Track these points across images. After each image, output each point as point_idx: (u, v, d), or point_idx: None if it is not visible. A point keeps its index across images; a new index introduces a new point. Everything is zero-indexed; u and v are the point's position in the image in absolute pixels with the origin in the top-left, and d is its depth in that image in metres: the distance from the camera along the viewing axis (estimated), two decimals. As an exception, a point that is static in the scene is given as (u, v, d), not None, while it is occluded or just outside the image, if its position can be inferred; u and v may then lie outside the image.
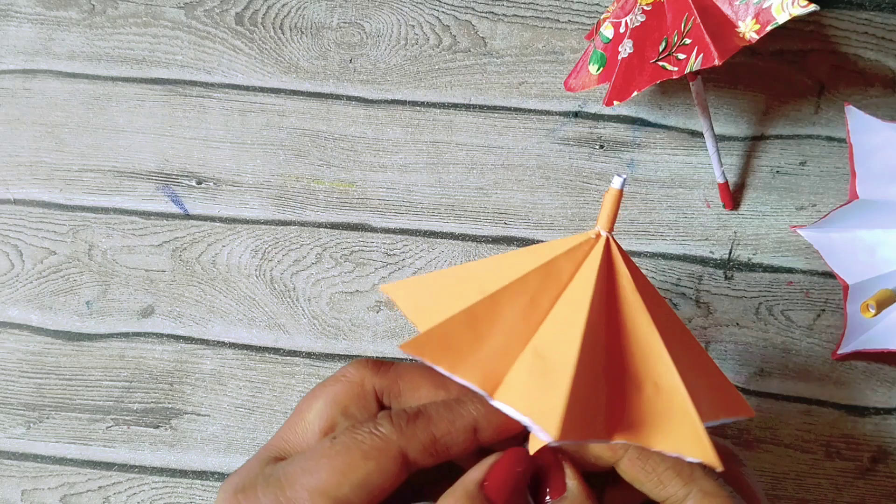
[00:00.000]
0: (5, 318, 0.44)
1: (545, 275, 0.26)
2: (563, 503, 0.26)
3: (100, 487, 0.42)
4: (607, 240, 0.26)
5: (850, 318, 0.41)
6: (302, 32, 0.46)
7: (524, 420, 0.23)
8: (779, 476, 0.41)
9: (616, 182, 0.26)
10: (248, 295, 0.43)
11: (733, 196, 0.43)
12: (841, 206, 0.40)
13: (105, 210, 0.45)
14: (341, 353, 0.43)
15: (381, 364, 0.29)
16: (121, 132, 0.45)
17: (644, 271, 0.42)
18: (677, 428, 0.24)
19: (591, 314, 0.24)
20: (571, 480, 0.27)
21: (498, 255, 0.28)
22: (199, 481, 0.42)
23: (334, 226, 0.44)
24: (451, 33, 0.45)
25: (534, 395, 0.23)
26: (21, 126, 0.46)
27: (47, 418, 0.43)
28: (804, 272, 0.43)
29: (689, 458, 0.23)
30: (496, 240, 0.44)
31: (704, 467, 0.27)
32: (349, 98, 0.45)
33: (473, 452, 0.28)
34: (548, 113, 0.44)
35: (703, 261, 0.43)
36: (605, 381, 0.25)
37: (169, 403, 0.43)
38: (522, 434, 0.28)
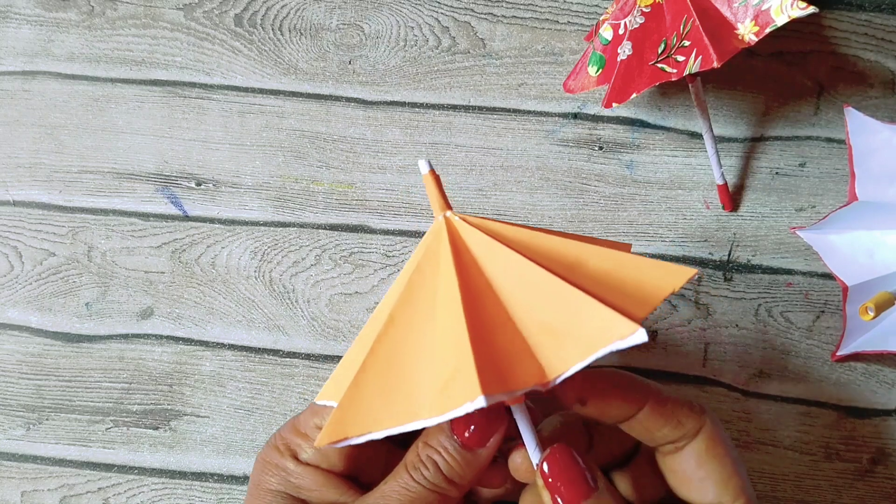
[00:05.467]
0: (4, 319, 0.44)
1: (418, 283, 0.27)
2: (601, 500, 0.28)
3: (99, 489, 0.42)
4: (443, 222, 0.27)
5: (849, 320, 0.41)
6: (301, 34, 0.46)
7: (461, 410, 0.23)
8: (778, 477, 0.41)
9: (422, 167, 0.28)
10: (247, 296, 0.43)
11: (732, 197, 0.43)
12: (840, 207, 0.40)
13: (104, 211, 0.45)
14: (340, 354, 0.43)
15: None
16: (120, 134, 0.45)
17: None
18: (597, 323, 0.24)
19: (464, 294, 0.26)
20: (598, 474, 0.29)
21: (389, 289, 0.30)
22: (198, 483, 0.42)
23: (333, 227, 0.44)
24: (450, 35, 0.45)
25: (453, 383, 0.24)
26: (20, 127, 0.46)
27: (47, 420, 0.43)
28: (803, 274, 0.42)
29: (624, 341, 0.24)
30: (495, 241, 0.44)
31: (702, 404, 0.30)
32: (348, 99, 0.45)
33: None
34: (547, 114, 0.44)
35: (702, 262, 0.43)
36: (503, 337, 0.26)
37: (168, 405, 0.43)
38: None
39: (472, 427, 0.28)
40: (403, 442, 0.33)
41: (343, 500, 0.32)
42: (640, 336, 0.23)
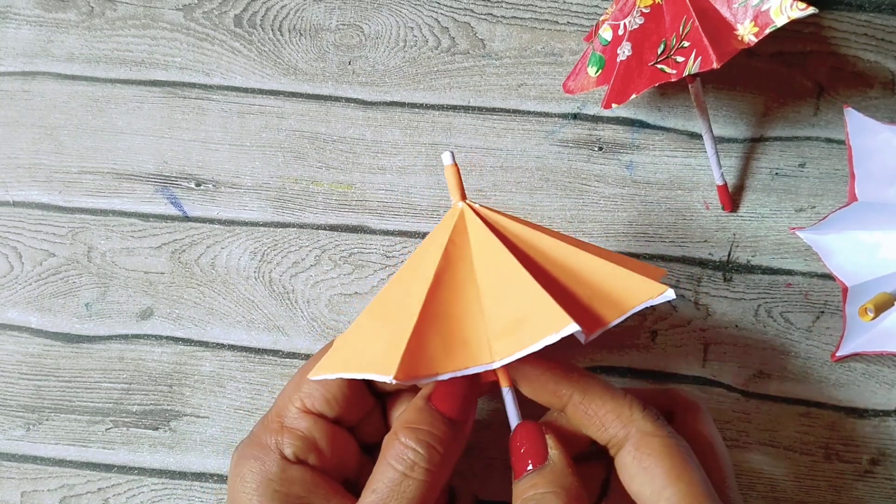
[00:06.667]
0: (4, 319, 0.44)
1: (454, 253, 0.31)
2: (544, 470, 0.28)
3: (99, 489, 0.42)
4: (465, 206, 0.32)
5: (848, 320, 0.41)
6: (301, 34, 0.46)
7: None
8: (777, 478, 0.41)
9: (445, 159, 0.32)
10: (247, 297, 0.43)
11: (732, 198, 0.43)
12: (840, 207, 0.40)
13: (104, 212, 0.45)
14: (340, 355, 0.43)
15: None
16: (120, 134, 0.45)
17: (643, 273, 0.42)
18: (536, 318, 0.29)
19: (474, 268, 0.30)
20: (554, 450, 0.29)
21: (394, 277, 0.33)
22: (198, 483, 0.42)
23: (333, 228, 0.44)
24: (449, 35, 0.45)
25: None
26: (20, 128, 0.46)
27: (47, 420, 0.43)
28: (803, 274, 0.42)
29: (552, 336, 0.27)
30: (495, 242, 0.44)
31: (645, 408, 0.30)
32: (348, 100, 0.45)
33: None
34: (547, 115, 0.44)
35: (701, 263, 0.43)
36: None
37: (168, 405, 0.43)
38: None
39: (455, 398, 0.31)
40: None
41: None
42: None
